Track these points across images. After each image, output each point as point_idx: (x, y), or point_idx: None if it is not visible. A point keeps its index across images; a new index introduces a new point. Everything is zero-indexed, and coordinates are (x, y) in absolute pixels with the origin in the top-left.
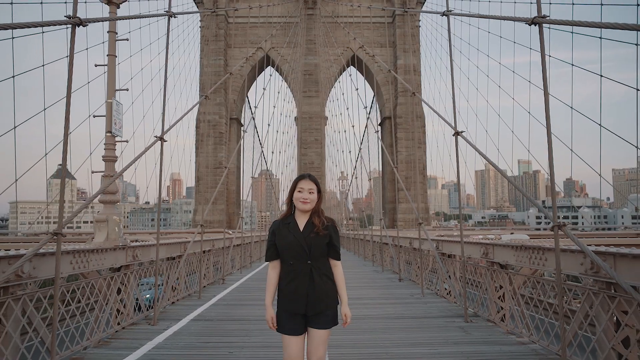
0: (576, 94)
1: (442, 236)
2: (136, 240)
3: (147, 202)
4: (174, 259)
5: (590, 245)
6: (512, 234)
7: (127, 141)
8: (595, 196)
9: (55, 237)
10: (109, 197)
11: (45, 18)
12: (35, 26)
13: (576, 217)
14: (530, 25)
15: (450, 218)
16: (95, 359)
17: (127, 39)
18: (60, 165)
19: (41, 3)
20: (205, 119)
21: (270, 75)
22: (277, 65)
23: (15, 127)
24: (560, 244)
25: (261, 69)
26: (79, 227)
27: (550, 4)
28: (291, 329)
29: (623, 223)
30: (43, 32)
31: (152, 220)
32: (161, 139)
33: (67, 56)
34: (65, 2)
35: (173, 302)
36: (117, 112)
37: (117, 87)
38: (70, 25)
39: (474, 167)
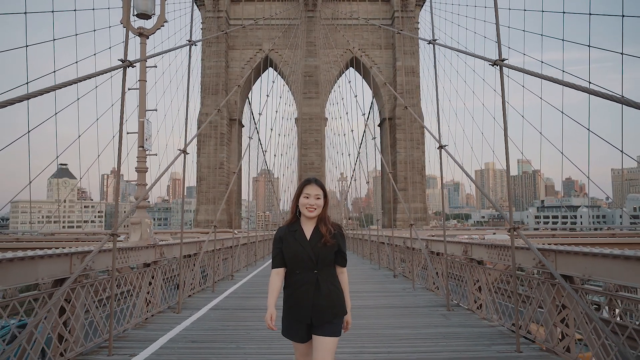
0: (576, 93)
1: (432, 236)
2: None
3: (148, 202)
4: (190, 256)
5: (544, 244)
6: (494, 234)
7: (156, 154)
8: (594, 196)
9: (112, 237)
10: (141, 203)
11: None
12: (93, 76)
13: (575, 217)
14: (492, 66)
15: (450, 218)
16: (139, 337)
17: (155, 66)
18: (60, 165)
19: (52, 12)
20: (206, 119)
21: (273, 81)
22: (278, 67)
23: (29, 131)
24: (522, 244)
25: (264, 70)
26: (79, 227)
27: (543, 11)
28: (296, 336)
29: (621, 222)
30: (54, 40)
31: (153, 219)
32: (184, 151)
33: (75, 62)
34: (75, 10)
35: (189, 295)
36: (147, 129)
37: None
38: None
39: (471, 166)
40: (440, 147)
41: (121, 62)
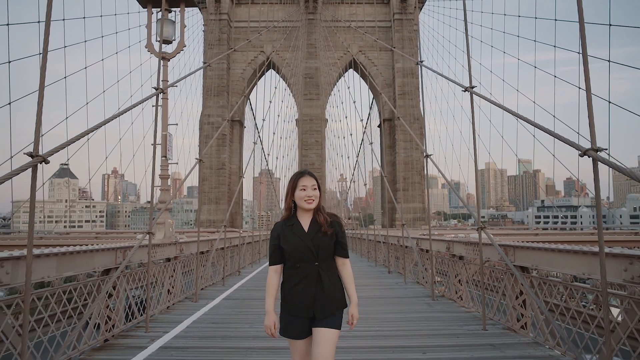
0: (571, 92)
1: (424, 235)
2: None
3: (148, 202)
4: (203, 253)
5: (522, 242)
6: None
7: (177, 163)
8: (608, 195)
9: (148, 235)
10: (164, 206)
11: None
12: (135, 106)
13: (575, 217)
14: (463, 91)
15: (450, 217)
16: (166, 320)
17: (176, 85)
18: (62, 164)
19: (63, 20)
20: (208, 120)
21: (275, 87)
22: (279, 69)
23: (42, 135)
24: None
25: (263, 73)
26: (80, 226)
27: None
28: (296, 332)
29: (621, 222)
30: (65, 47)
31: (154, 219)
32: (200, 160)
33: (85, 67)
34: (85, 18)
35: (202, 288)
36: (169, 141)
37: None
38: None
39: (468, 166)
40: (426, 156)
41: (155, 90)
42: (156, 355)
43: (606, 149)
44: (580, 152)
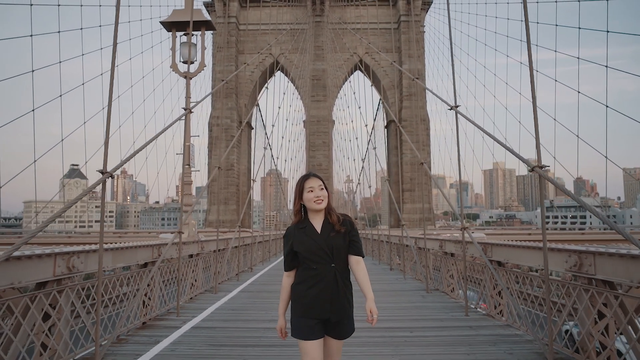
0: (569, 93)
1: (422, 235)
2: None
3: (157, 202)
4: (219, 251)
5: (509, 240)
6: (472, 232)
7: (199, 170)
8: (605, 196)
9: (179, 234)
10: (188, 208)
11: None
12: (169, 127)
13: (584, 217)
14: (449, 109)
15: (457, 218)
16: (192, 307)
17: (196, 102)
18: (73, 165)
19: (81, 29)
20: (217, 122)
21: (284, 93)
22: (287, 71)
23: (62, 140)
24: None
25: (271, 74)
26: (91, 226)
27: (538, 3)
28: (308, 333)
29: (632, 222)
30: (83, 55)
31: (163, 219)
32: (219, 168)
33: (101, 74)
34: (101, 26)
35: (220, 283)
36: (192, 151)
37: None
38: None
39: (473, 167)
40: (421, 163)
41: (184, 110)
42: (189, 332)
43: (549, 167)
44: (528, 169)
